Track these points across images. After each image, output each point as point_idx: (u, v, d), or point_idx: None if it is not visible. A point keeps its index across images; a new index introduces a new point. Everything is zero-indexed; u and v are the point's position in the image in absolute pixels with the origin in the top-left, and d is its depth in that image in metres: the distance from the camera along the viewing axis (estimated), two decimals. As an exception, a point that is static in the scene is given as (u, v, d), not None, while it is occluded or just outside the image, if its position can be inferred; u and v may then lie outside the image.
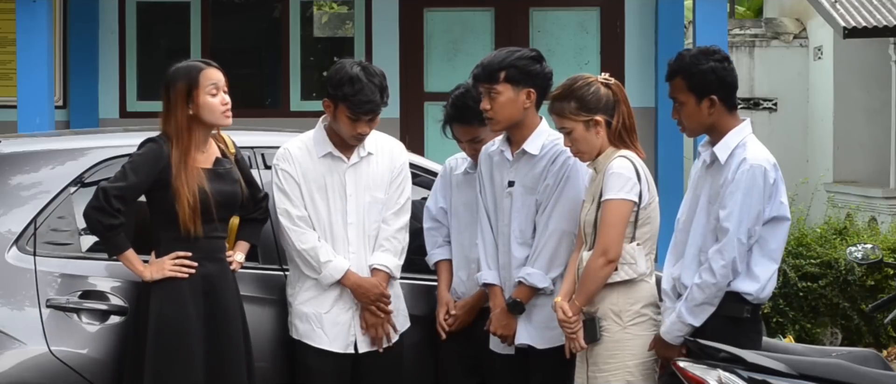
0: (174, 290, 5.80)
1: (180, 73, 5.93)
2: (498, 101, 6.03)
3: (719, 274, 5.54)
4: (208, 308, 5.86)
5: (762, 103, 17.49)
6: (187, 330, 5.79)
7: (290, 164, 6.19)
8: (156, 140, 5.89)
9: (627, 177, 5.71)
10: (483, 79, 6.05)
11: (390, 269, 6.22)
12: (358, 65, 6.17)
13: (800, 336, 10.63)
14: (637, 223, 5.76)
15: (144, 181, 5.81)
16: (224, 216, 5.96)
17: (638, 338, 5.73)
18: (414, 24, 12.33)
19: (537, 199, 6.09)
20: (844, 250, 9.76)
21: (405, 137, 11.81)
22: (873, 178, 16.41)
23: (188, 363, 5.78)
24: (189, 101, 5.87)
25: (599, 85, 5.84)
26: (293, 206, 6.16)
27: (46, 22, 9.84)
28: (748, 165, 5.57)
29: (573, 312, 5.72)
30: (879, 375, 5.61)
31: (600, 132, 5.81)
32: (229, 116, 5.96)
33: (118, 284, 5.99)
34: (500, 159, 6.19)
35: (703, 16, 10.27)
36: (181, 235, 5.82)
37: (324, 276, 6.14)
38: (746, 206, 5.54)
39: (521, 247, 6.11)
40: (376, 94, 6.10)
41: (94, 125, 11.68)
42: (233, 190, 5.98)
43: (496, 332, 6.13)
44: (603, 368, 5.72)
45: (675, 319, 5.62)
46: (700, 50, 5.77)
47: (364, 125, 6.13)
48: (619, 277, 5.72)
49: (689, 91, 5.69)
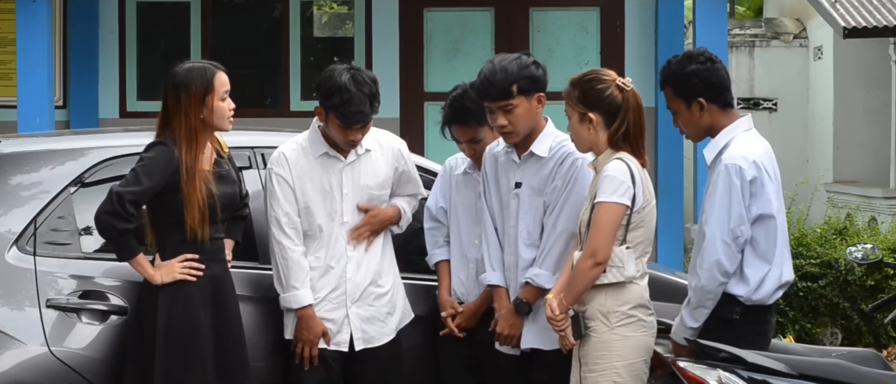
0: (183, 292, 5.79)
1: (195, 75, 5.87)
2: (515, 114, 6.02)
3: (704, 277, 5.55)
4: (215, 308, 5.86)
5: (762, 103, 17.48)
6: (198, 331, 5.79)
7: (284, 168, 6.17)
8: (165, 143, 5.84)
9: (621, 180, 5.69)
10: (496, 96, 6.01)
11: (403, 209, 6.35)
12: (348, 71, 6.11)
13: (800, 336, 10.63)
14: (629, 226, 5.73)
15: (157, 185, 5.77)
16: (225, 217, 5.96)
17: (626, 339, 5.72)
18: (414, 24, 12.33)
19: (545, 201, 6.09)
20: (844, 250, 9.77)
21: (405, 137, 11.67)
22: (873, 178, 16.41)
23: (201, 364, 5.79)
24: (203, 105, 5.85)
25: (613, 86, 5.81)
26: (284, 214, 6.14)
27: (46, 22, 9.84)
28: (723, 165, 5.57)
29: (560, 310, 5.72)
30: (879, 375, 5.61)
31: (593, 130, 5.79)
32: (233, 121, 5.97)
33: (118, 284, 5.99)
34: (506, 161, 6.19)
35: (703, 16, 10.27)
36: (188, 239, 5.81)
37: (284, 298, 6.14)
38: (724, 207, 5.53)
39: (528, 249, 6.11)
40: (365, 103, 6.06)
41: (94, 125, 11.68)
42: (233, 191, 5.99)
43: (503, 333, 6.13)
44: (592, 368, 5.73)
45: (678, 321, 5.68)
46: (684, 55, 5.76)
47: (355, 132, 6.13)
48: (606, 280, 5.71)
49: (678, 97, 5.70)
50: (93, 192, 6.07)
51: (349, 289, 6.21)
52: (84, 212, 6.08)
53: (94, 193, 6.08)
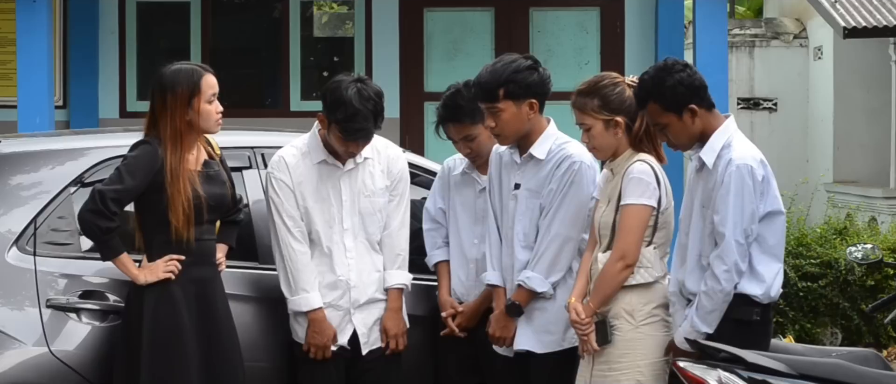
0: (167, 294, 5.78)
1: (181, 77, 5.86)
2: (502, 118, 6.01)
3: (723, 279, 5.52)
4: (200, 311, 5.84)
5: (762, 103, 17.49)
6: (181, 332, 5.78)
7: (284, 173, 6.17)
8: (149, 142, 5.84)
9: (648, 182, 5.72)
10: (482, 98, 6.02)
11: (406, 286, 6.28)
12: (354, 85, 6.08)
13: (800, 336, 10.63)
14: (655, 227, 5.76)
15: (140, 184, 5.77)
16: (213, 218, 5.94)
17: (649, 338, 5.73)
18: (414, 24, 12.32)
19: (541, 203, 6.09)
20: (844, 250, 9.76)
21: (405, 137, 11.82)
22: (873, 178, 16.42)
23: (184, 365, 5.77)
24: (189, 107, 5.84)
25: (626, 87, 5.83)
26: (290, 216, 6.15)
27: (46, 22, 9.82)
28: (735, 166, 5.54)
29: (586, 314, 5.71)
30: (879, 375, 5.61)
31: (619, 133, 5.81)
32: (220, 124, 5.95)
33: (118, 285, 5.98)
34: (509, 161, 6.19)
35: (703, 16, 10.26)
36: (173, 239, 5.80)
37: (292, 301, 6.13)
38: (738, 208, 5.52)
39: (523, 250, 6.11)
40: (369, 120, 6.05)
41: (94, 125, 11.66)
42: (222, 192, 5.96)
43: (495, 334, 6.13)
44: (614, 367, 5.72)
45: (688, 328, 5.59)
46: (657, 68, 5.69)
47: (356, 146, 6.13)
48: (636, 281, 5.72)
49: (668, 111, 5.64)
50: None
51: (353, 296, 6.21)
52: (84, 212, 6.08)
53: (94, 193, 6.08)
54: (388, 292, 6.25)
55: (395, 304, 6.24)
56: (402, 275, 6.27)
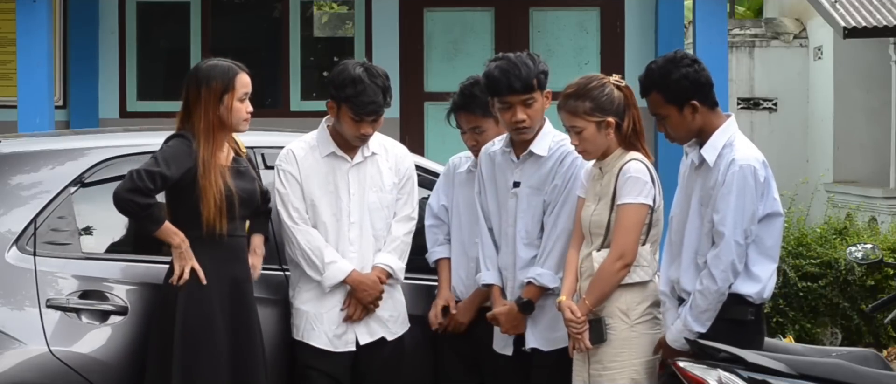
0: (199, 291, 5.80)
1: (217, 72, 5.90)
2: (534, 109, 6.05)
3: (720, 279, 5.52)
4: (233, 310, 5.87)
5: (762, 103, 17.50)
6: (213, 328, 5.80)
7: (292, 165, 6.20)
8: (183, 135, 5.87)
9: (645, 181, 5.75)
10: (521, 89, 6.01)
11: (393, 269, 6.23)
12: (361, 65, 6.18)
13: (800, 336, 10.63)
14: (650, 225, 5.78)
15: (175, 174, 5.78)
16: (245, 214, 5.97)
17: (643, 337, 5.74)
18: (414, 24, 12.33)
19: (545, 200, 6.10)
20: (844, 250, 9.77)
21: (405, 137, 11.81)
22: (873, 178, 16.42)
23: (214, 359, 5.80)
24: (220, 103, 5.86)
25: (612, 87, 5.85)
26: (295, 207, 6.17)
27: (46, 22, 9.83)
28: (738, 166, 5.54)
29: (582, 313, 5.72)
30: (879, 375, 5.61)
31: (610, 133, 5.82)
32: (249, 123, 5.98)
33: (118, 284, 5.99)
34: (504, 160, 6.19)
35: (703, 16, 10.26)
36: (205, 234, 5.82)
37: (326, 277, 6.14)
38: (740, 208, 5.52)
39: (527, 248, 6.11)
40: (379, 94, 6.11)
41: (94, 125, 11.67)
42: (252, 187, 6.00)
43: (508, 332, 6.12)
44: (608, 366, 5.73)
45: (681, 327, 5.59)
46: (666, 59, 5.72)
47: (367, 126, 6.14)
48: (632, 279, 5.73)
49: (669, 103, 5.66)
50: (93, 192, 6.09)
51: (354, 292, 6.22)
52: (84, 212, 6.09)
53: (93, 193, 6.09)
54: (373, 269, 6.23)
55: (376, 272, 6.21)
56: (391, 259, 6.24)
